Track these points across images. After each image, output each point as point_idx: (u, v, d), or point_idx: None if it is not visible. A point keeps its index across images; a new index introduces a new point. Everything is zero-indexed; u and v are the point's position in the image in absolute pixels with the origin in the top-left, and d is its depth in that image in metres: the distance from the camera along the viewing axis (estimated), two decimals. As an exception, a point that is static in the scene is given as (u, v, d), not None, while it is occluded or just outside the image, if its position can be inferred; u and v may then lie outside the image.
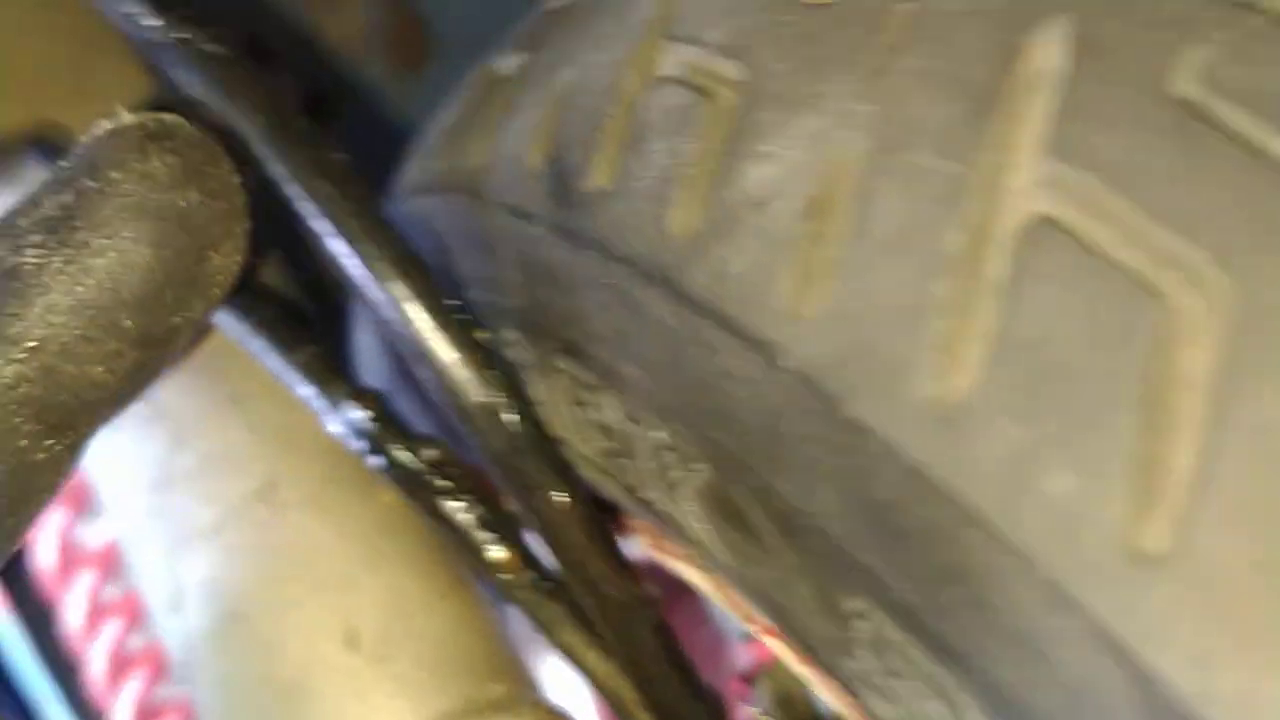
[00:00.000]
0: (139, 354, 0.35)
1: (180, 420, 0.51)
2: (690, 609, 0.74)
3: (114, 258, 0.34)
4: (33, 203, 0.35)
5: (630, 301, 0.34)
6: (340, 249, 0.38)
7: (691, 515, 0.37)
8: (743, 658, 0.78)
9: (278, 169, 0.38)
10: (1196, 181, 0.25)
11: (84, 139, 0.36)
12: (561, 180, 0.36)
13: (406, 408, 0.47)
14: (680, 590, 0.48)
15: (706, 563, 0.38)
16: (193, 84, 0.40)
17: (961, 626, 0.27)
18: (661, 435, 0.36)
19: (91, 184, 0.34)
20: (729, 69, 0.34)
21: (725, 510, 0.35)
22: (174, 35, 0.40)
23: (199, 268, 0.35)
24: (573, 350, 0.38)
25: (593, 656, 0.47)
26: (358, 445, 0.46)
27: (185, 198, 0.34)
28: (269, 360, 0.47)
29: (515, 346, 0.42)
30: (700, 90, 0.35)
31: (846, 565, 0.30)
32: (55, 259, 0.33)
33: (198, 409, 0.51)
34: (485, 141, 0.41)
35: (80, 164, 0.35)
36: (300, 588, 0.47)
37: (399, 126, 1.08)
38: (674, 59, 0.35)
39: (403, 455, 0.45)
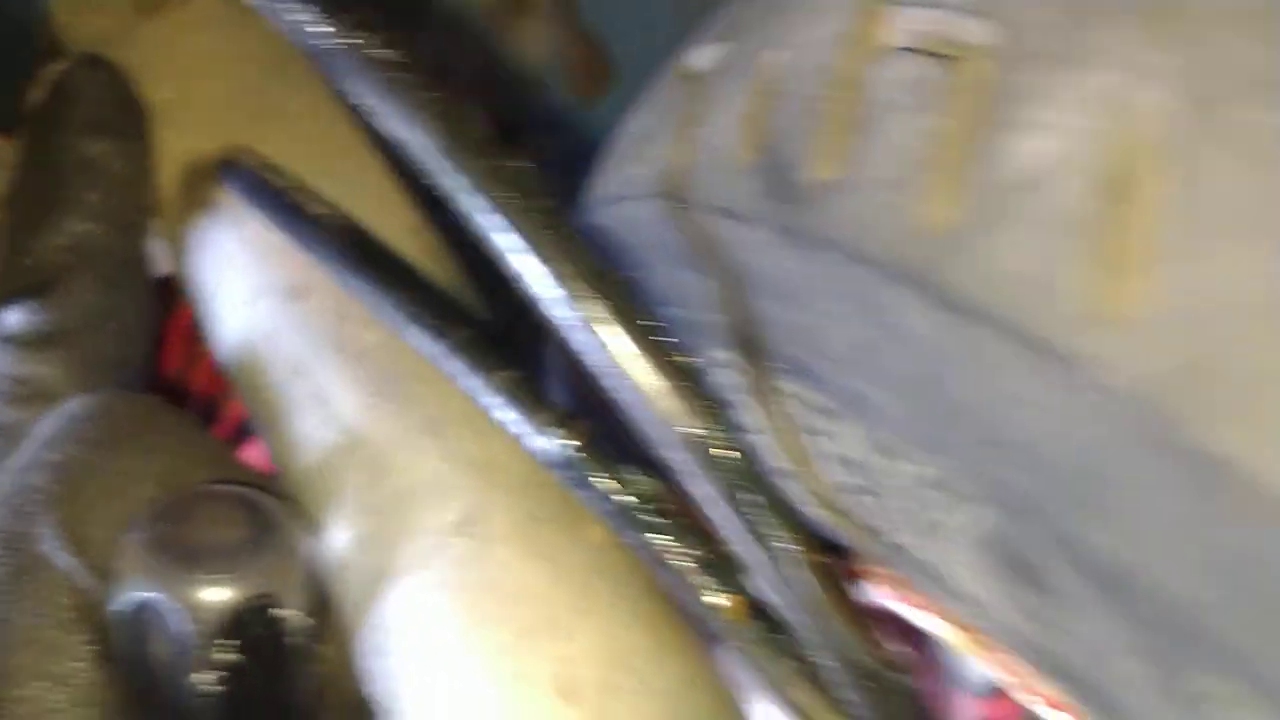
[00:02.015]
0: None
1: (377, 450, 0.48)
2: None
3: None
4: None
5: (876, 310, 0.29)
6: (529, 266, 0.35)
7: (963, 566, 0.31)
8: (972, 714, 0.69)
9: (457, 180, 0.35)
10: None
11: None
12: (780, 174, 0.31)
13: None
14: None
15: (977, 622, 0.33)
16: (363, 92, 0.37)
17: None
18: (925, 470, 0.30)
19: None
20: (977, 30, 0.29)
21: (1016, 564, 0.29)
22: (343, 41, 0.37)
23: None
24: (802, 371, 0.33)
25: (833, 721, 0.42)
26: (563, 475, 0.42)
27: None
28: (467, 383, 0.43)
29: (726, 368, 0.37)
30: (943, 57, 0.29)
31: (1194, 634, 0.24)
32: None
33: (393, 438, 0.48)
34: (684, 141, 0.37)
35: None
36: (509, 632, 0.43)
37: (580, 155, 1.05)
38: (905, 26, 0.30)
39: (612, 488, 0.41)
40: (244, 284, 0.54)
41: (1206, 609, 0.23)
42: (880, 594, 0.39)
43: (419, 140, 0.35)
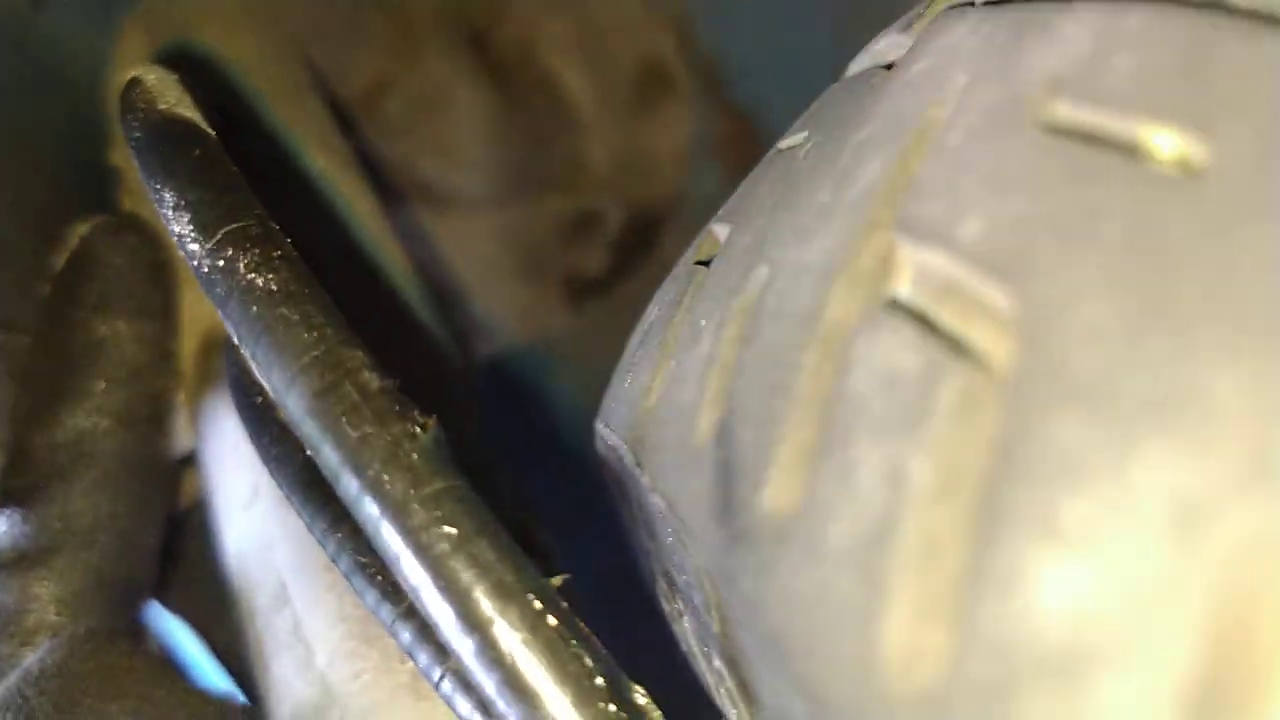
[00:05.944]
0: None
1: (351, 713, 0.40)
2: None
3: None
4: None
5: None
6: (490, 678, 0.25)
7: None
8: None
9: (390, 528, 0.26)
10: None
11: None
12: (727, 480, 0.20)
13: None
14: None
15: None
16: (243, 339, 0.29)
17: None
18: None
19: None
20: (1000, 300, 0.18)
21: None
22: (215, 260, 0.29)
23: None
24: None
25: None
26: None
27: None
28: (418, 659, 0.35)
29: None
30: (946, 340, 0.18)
31: None
32: None
33: (372, 699, 0.40)
34: (656, 373, 0.26)
35: None
36: None
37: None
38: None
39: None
40: (244, 481, 0.48)
41: None
42: None
43: (326, 447, 0.26)
